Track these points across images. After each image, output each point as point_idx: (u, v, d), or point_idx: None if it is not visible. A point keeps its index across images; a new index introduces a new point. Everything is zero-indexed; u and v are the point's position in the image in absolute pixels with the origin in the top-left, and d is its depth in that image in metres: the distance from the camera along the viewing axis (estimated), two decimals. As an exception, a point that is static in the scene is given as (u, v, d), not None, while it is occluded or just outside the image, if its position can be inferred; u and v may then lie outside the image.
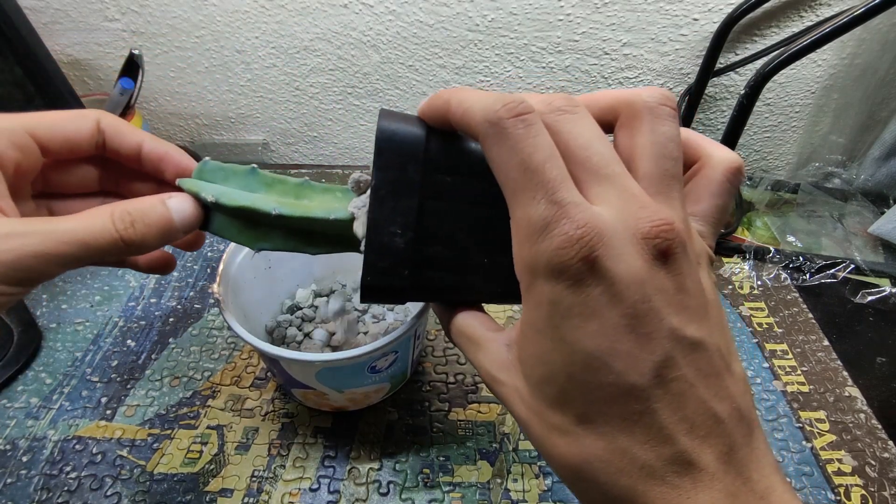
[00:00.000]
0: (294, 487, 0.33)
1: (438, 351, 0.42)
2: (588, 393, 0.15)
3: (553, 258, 0.14)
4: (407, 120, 0.18)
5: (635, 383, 0.14)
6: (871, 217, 0.53)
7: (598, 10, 0.52)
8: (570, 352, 0.15)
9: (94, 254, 0.20)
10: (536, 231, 0.15)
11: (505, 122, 0.15)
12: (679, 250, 0.15)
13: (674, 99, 0.17)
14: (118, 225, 0.21)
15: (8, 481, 0.33)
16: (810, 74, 0.55)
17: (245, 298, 0.35)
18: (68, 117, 0.23)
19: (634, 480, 0.15)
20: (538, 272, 0.15)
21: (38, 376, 0.39)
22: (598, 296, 0.14)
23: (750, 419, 0.16)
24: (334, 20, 0.54)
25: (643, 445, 0.15)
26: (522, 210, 0.15)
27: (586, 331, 0.15)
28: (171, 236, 0.22)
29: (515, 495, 0.33)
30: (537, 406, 0.17)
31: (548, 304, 0.15)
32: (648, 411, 0.15)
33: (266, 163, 0.67)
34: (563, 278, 0.14)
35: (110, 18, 0.55)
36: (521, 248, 0.16)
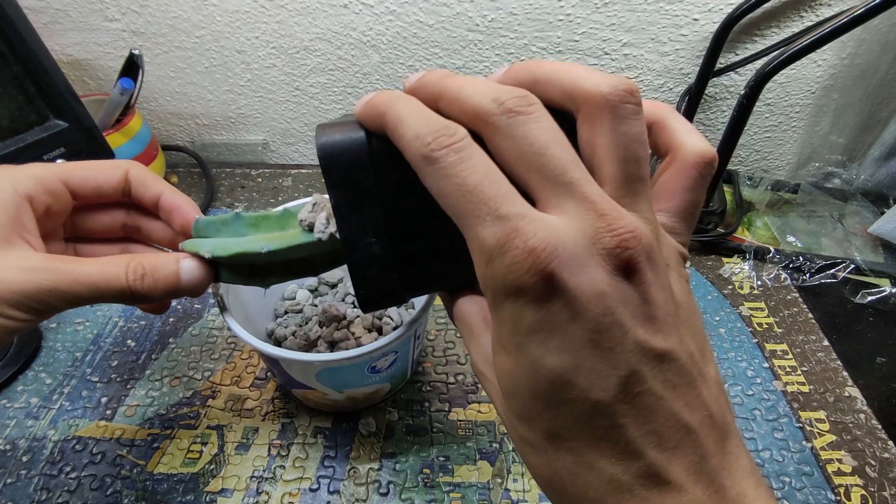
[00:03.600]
0: (294, 487, 0.33)
1: (438, 351, 0.42)
2: (553, 409, 0.15)
3: (508, 277, 0.14)
4: (344, 128, 0.18)
5: (600, 399, 0.14)
6: (871, 217, 0.53)
7: (599, 10, 0.52)
8: (534, 369, 0.14)
9: (102, 297, 0.23)
10: (488, 251, 0.14)
11: (435, 154, 0.15)
12: (643, 259, 0.14)
13: (637, 91, 0.15)
14: (130, 276, 0.23)
15: (8, 481, 0.33)
16: (810, 74, 0.55)
17: (245, 299, 0.35)
18: (100, 167, 0.26)
19: (603, 494, 0.15)
20: (497, 292, 0.14)
21: (38, 376, 0.39)
22: (558, 311, 0.14)
23: (723, 424, 0.15)
24: (334, 20, 0.54)
25: (610, 460, 0.14)
26: (472, 232, 0.15)
27: (548, 347, 0.14)
28: (175, 293, 0.24)
29: (515, 495, 0.33)
30: (509, 417, 0.16)
31: (510, 321, 0.15)
32: (615, 426, 0.14)
33: (266, 163, 0.67)
34: (522, 296, 0.14)
35: (110, 18, 0.55)
36: (479, 269, 0.15)
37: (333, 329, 0.37)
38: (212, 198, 0.57)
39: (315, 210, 0.23)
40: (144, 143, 0.53)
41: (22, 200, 0.23)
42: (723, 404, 0.16)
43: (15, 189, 0.23)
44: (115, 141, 0.48)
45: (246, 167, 0.63)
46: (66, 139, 0.43)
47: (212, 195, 0.57)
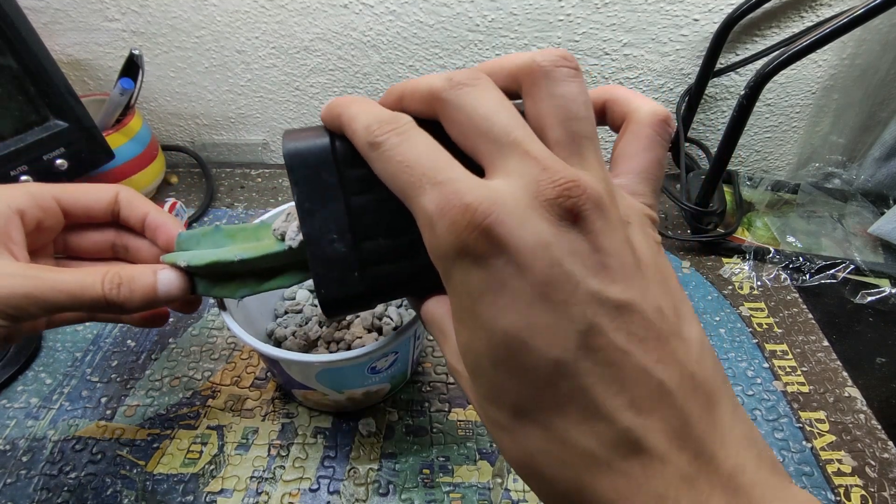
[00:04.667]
0: (294, 488, 0.33)
1: (438, 351, 0.42)
2: (515, 378, 0.14)
3: (448, 238, 0.14)
4: (309, 132, 0.19)
5: (559, 358, 0.13)
6: (871, 217, 0.53)
7: (599, 10, 0.52)
8: (489, 335, 0.14)
9: (78, 305, 0.23)
10: (430, 218, 0.14)
11: (379, 139, 0.15)
12: (589, 207, 0.13)
13: (571, 57, 0.15)
14: (106, 285, 0.23)
15: (8, 481, 0.33)
16: (810, 75, 0.55)
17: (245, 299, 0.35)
18: (92, 189, 0.27)
19: (579, 472, 0.14)
20: (445, 259, 0.14)
21: (38, 376, 0.39)
22: (502, 267, 0.13)
23: (709, 388, 0.14)
24: (334, 20, 0.54)
25: (581, 429, 0.13)
26: (415, 205, 0.15)
27: (498, 308, 0.13)
28: (153, 303, 0.25)
29: (515, 495, 0.33)
30: (479, 401, 0.16)
31: (460, 288, 0.14)
32: (580, 388, 0.13)
33: (266, 163, 0.67)
34: (465, 257, 0.13)
35: (110, 18, 0.55)
36: (426, 243, 0.15)
37: (333, 329, 0.37)
38: (212, 198, 0.57)
39: (288, 220, 0.24)
40: (144, 143, 0.53)
41: (12, 214, 0.24)
42: (708, 367, 0.14)
43: (7, 204, 0.24)
44: (115, 141, 0.48)
45: (246, 167, 0.63)
46: (66, 139, 0.43)
47: (212, 195, 0.57)
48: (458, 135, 0.16)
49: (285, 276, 0.25)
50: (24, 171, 0.41)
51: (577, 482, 0.14)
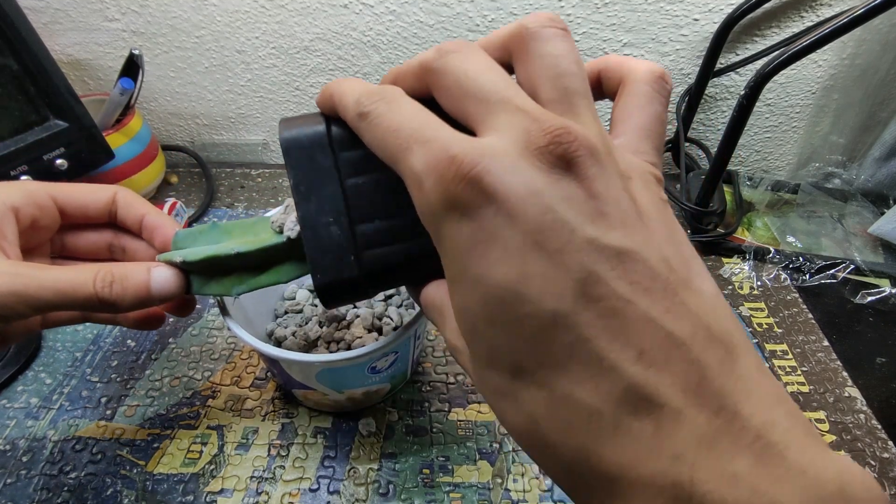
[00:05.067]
0: (294, 488, 0.33)
1: (438, 351, 0.42)
2: (511, 335, 0.13)
3: (436, 192, 0.13)
4: (305, 118, 0.19)
5: (556, 309, 0.12)
6: (871, 217, 0.53)
7: (599, 10, 0.52)
8: (483, 291, 0.13)
9: (69, 303, 0.22)
10: (419, 177, 0.14)
11: (367, 109, 0.15)
12: (583, 154, 0.13)
13: (559, 18, 0.15)
14: (98, 283, 0.22)
15: (8, 481, 0.33)
16: (811, 75, 0.55)
17: (245, 299, 0.35)
18: (89, 188, 0.27)
19: (584, 434, 0.12)
20: (434, 216, 0.14)
21: (38, 376, 0.39)
22: (492, 218, 0.13)
23: (728, 341, 0.13)
24: (334, 20, 0.54)
25: (584, 385, 0.12)
26: (404, 167, 0.14)
27: (490, 260, 0.13)
28: (146, 301, 0.24)
29: (515, 495, 0.33)
30: (477, 369, 0.15)
31: (450, 245, 0.14)
32: (582, 341, 0.12)
33: (266, 163, 0.67)
34: (453, 210, 0.13)
35: (110, 18, 0.55)
36: (416, 203, 0.14)
37: (333, 329, 0.37)
38: (212, 198, 0.57)
39: (287, 212, 0.23)
40: (144, 143, 0.53)
41: (7, 211, 0.24)
42: (724, 319, 0.13)
43: (2, 201, 0.24)
44: (115, 141, 0.48)
45: (246, 167, 0.63)
46: (66, 139, 0.43)
47: (212, 195, 0.57)
48: (448, 101, 0.15)
49: (283, 269, 0.25)
50: (24, 171, 0.41)
51: (584, 446, 0.13)
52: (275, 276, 0.25)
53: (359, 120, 0.16)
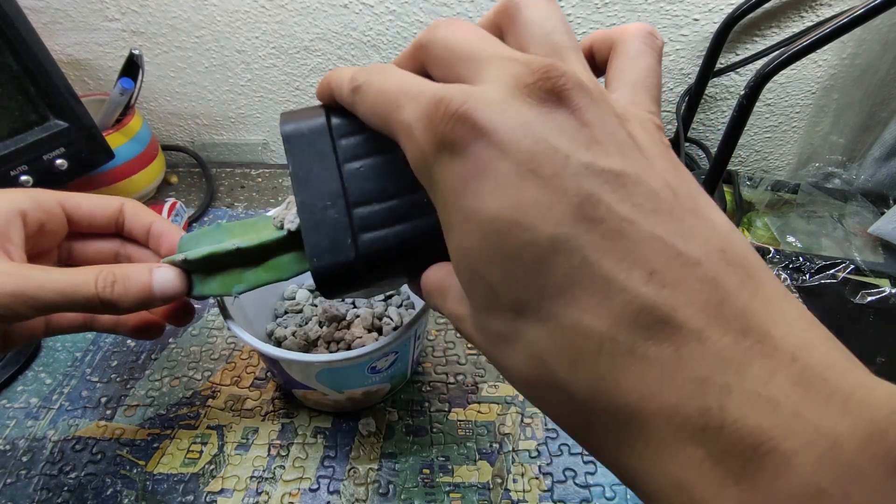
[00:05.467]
0: (294, 488, 0.33)
1: (438, 351, 0.42)
2: (511, 268, 0.12)
3: (425, 137, 0.13)
4: (306, 110, 0.20)
5: (556, 233, 0.12)
6: (871, 217, 0.53)
7: (599, 10, 0.52)
8: (479, 226, 0.13)
9: (71, 304, 0.22)
10: (409, 127, 0.14)
11: (359, 81, 0.16)
12: (572, 87, 0.12)
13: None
14: (100, 283, 0.22)
15: (8, 481, 0.33)
16: (811, 75, 0.55)
17: (245, 299, 0.35)
18: (98, 198, 0.28)
19: (597, 367, 0.12)
20: (425, 162, 0.14)
21: (38, 376, 0.39)
22: (482, 151, 0.12)
23: (748, 265, 0.12)
24: (334, 20, 0.54)
25: (593, 311, 0.11)
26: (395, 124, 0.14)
27: (483, 193, 0.12)
28: (148, 302, 0.24)
29: (515, 495, 0.33)
30: (479, 319, 0.14)
31: (443, 186, 0.13)
32: (585, 264, 0.11)
33: (266, 163, 0.67)
34: (443, 151, 0.13)
35: (110, 18, 0.55)
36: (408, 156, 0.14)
37: (333, 329, 0.37)
38: (212, 198, 0.57)
39: (288, 208, 0.23)
40: (144, 142, 0.53)
41: (14, 215, 0.24)
42: (740, 244, 0.12)
43: (10, 204, 0.24)
44: (115, 141, 0.48)
45: (246, 167, 0.63)
46: (66, 139, 0.43)
47: (212, 195, 0.57)
48: (441, 70, 0.15)
49: (283, 265, 0.25)
50: (24, 170, 0.41)
51: (597, 378, 0.12)
52: (275, 273, 0.25)
53: (353, 95, 0.16)
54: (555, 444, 0.36)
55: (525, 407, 0.38)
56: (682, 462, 0.11)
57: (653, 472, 0.11)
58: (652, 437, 0.11)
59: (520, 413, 0.37)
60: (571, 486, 0.34)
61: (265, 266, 0.25)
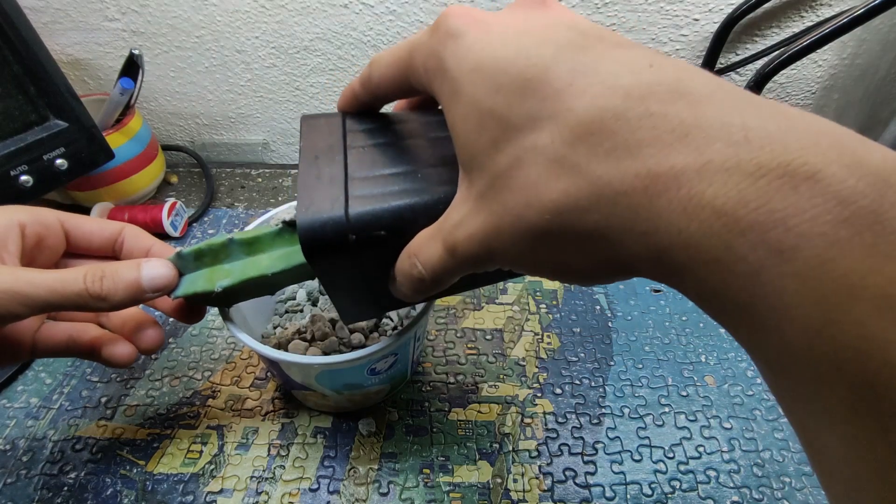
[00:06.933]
0: (294, 487, 0.33)
1: (438, 351, 0.42)
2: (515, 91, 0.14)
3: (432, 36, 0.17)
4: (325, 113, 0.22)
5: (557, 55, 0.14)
6: (872, 217, 0.53)
7: (599, 10, 0.51)
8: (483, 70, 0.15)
9: (61, 301, 0.23)
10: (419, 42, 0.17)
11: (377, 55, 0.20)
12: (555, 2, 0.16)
13: None
14: (88, 279, 0.23)
15: (8, 481, 0.33)
16: (811, 75, 0.55)
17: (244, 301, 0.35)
18: (97, 220, 0.28)
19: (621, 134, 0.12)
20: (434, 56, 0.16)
21: (38, 376, 0.39)
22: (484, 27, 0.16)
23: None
24: (334, 20, 0.54)
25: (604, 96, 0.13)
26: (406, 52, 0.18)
27: (487, 47, 0.15)
28: (138, 296, 0.24)
29: (515, 495, 0.33)
30: (490, 177, 0.15)
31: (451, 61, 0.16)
32: (589, 68, 0.13)
33: (266, 163, 0.67)
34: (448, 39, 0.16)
35: (110, 18, 0.55)
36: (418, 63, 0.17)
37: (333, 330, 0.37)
38: (212, 198, 0.57)
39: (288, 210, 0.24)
40: (144, 142, 0.53)
41: (13, 225, 0.25)
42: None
43: (11, 216, 0.25)
44: (115, 141, 0.48)
45: (246, 167, 0.63)
46: (66, 139, 0.43)
47: (212, 195, 0.57)
48: None
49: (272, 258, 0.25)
50: (24, 170, 0.41)
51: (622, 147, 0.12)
52: (263, 266, 0.25)
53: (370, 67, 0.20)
54: (555, 444, 0.36)
55: (525, 407, 0.38)
56: (718, 190, 0.11)
57: (687, 215, 0.11)
58: (682, 181, 0.11)
59: (520, 413, 0.37)
60: (571, 486, 0.34)
61: (253, 260, 0.25)
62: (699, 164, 0.11)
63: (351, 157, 0.20)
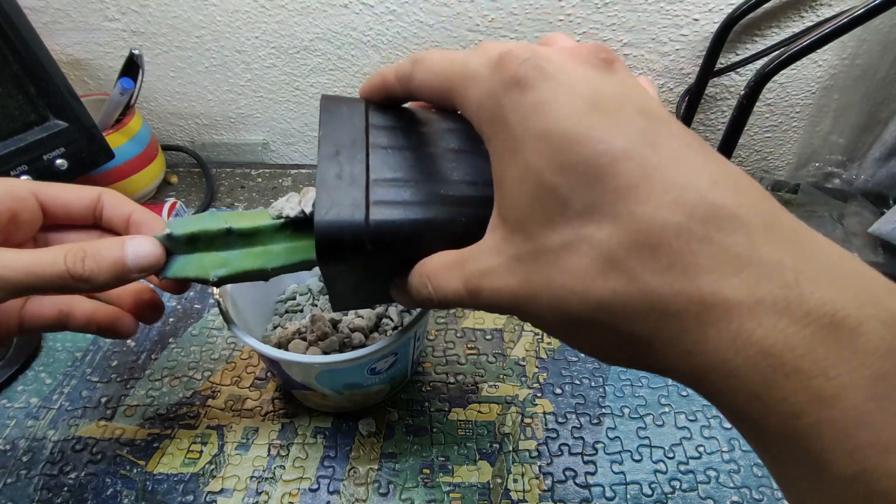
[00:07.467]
0: (294, 487, 0.33)
1: (438, 351, 0.42)
2: (581, 175, 0.14)
3: (497, 75, 0.16)
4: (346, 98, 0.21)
5: (628, 147, 0.13)
6: (871, 217, 0.53)
7: (599, 10, 0.51)
8: (548, 140, 0.14)
9: (41, 283, 0.21)
10: (478, 70, 0.16)
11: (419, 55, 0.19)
12: (619, 60, 0.16)
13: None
14: (69, 259, 0.21)
15: (8, 481, 0.33)
16: (811, 75, 0.55)
17: (245, 300, 0.35)
18: (74, 188, 0.26)
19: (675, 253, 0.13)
20: (494, 97, 0.16)
21: (38, 376, 0.39)
22: (552, 88, 0.15)
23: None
24: (334, 20, 0.54)
25: (669, 208, 0.13)
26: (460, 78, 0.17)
27: (556, 114, 0.14)
28: (124, 276, 0.23)
29: (515, 495, 0.33)
30: (535, 244, 0.15)
31: (512, 113, 0.15)
32: (656, 171, 0.13)
33: (266, 163, 0.67)
34: (514, 86, 0.15)
35: (110, 18, 0.55)
36: (473, 94, 0.17)
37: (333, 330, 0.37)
38: (212, 198, 0.57)
39: (289, 201, 0.23)
40: (144, 142, 0.53)
41: None
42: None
43: None
44: (115, 141, 0.48)
45: (246, 167, 0.63)
46: (66, 139, 0.43)
47: (212, 195, 0.57)
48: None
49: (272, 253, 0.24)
50: (23, 170, 0.41)
51: (674, 265, 0.13)
52: (261, 261, 0.23)
53: (413, 65, 0.19)
54: (555, 444, 0.36)
55: (525, 407, 0.38)
56: (767, 332, 0.12)
57: (734, 348, 0.12)
58: (734, 315, 0.12)
59: (520, 413, 0.37)
60: (571, 486, 0.34)
61: (252, 252, 0.24)
62: (752, 301, 0.12)
63: (373, 157, 0.19)
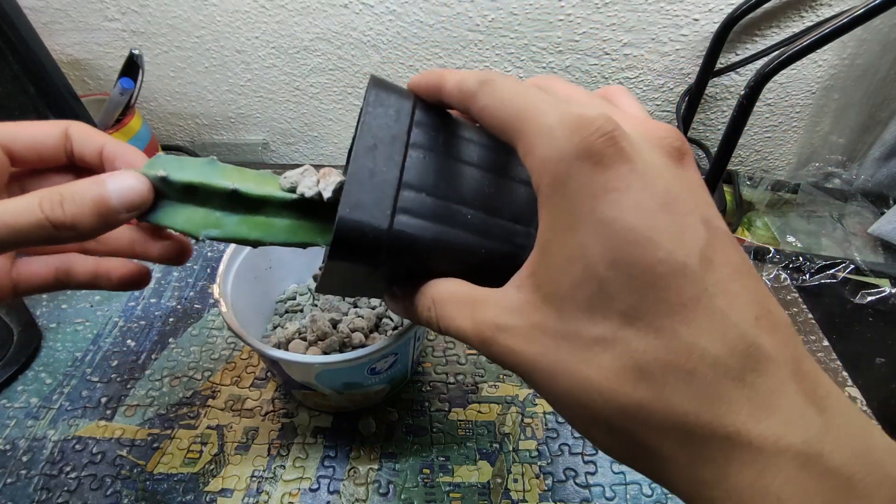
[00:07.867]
0: (294, 487, 0.33)
1: (438, 351, 0.42)
2: (634, 277, 0.13)
3: (572, 140, 0.14)
4: (399, 87, 0.20)
5: (686, 262, 0.13)
6: (871, 217, 0.53)
7: (599, 10, 0.51)
8: (609, 231, 0.14)
9: (19, 236, 0.19)
10: (550, 127, 0.15)
11: (490, 77, 0.17)
12: (689, 153, 0.16)
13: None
14: (45, 205, 0.19)
15: (8, 481, 0.33)
16: (811, 75, 0.55)
17: (245, 299, 0.35)
18: (37, 125, 0.23)
19: (708, 386, 0.13)
20: (562, 161, 0.14)
21: (38, 376, 0.39)
22: (627, 174, 0.14)
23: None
24: (334, 20, 0.54)
25: (711, 336, 0.13)
26: (532, 124, 0.15)
27: (623, 206, 0.14)
28: (109, 218, 0.20)
29: (515, 495, 0.33)
30: (566, 325, 0.15)
31: (578, 188, 0.14)
32: (706, 296, 0.13)
33: (266, 163, 0.67)
34: (587, 159, 0.14)
35: (110, 18, 0.55)
36: (539, 150, 0.15)
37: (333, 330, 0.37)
38: (212, 198, 0.57)
39: (304, 175, 0.22)
40: (144, 143, 0.53)
41: None
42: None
43: None
44: (115, 141, 0.48)
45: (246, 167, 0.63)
46: (66, 139, 0.43)
47: (212, 195, 0.57)
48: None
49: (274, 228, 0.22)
50: (24, 171, 0.41)
51: (704, 396, 0.13)
52: (261, 232, 0.22)
53: (481, 86, 0.17)
54: (555, 444, 0.36)
55: (525, 407, 0.38)
56: (785, 483, 0.12)
57: (752, 491, 0.12)
58: (757, 458, 0.12)
59: (520, 413, 0.37)
60: (571, 486, 0.34)
61: (251, 220, 0.22)
62: (775, 449, 0.12)
63: (410, 158, 0.18)
